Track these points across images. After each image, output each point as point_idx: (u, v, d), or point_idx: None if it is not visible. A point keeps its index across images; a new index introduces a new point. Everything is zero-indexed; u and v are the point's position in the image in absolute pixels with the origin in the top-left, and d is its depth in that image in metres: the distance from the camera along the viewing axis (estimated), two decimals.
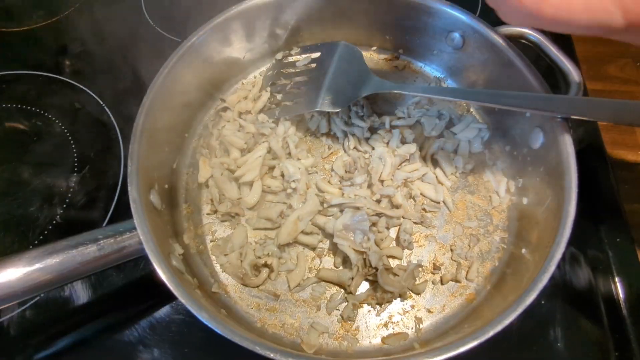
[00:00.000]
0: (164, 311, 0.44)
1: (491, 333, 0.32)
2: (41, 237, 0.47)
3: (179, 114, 0.49)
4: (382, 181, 0.46)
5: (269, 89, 0.52)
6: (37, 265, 0.33)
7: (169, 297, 0.44)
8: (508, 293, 0.38)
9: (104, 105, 0.56)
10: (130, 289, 0.46)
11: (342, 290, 0.43)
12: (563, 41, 0.59)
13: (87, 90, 0.57)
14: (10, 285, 0.31)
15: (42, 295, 0.44)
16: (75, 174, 0.51)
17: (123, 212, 0.49)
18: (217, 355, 0.41)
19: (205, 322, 0.31)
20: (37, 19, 0.64)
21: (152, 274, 0.44)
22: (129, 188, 0.37)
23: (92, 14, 0.65)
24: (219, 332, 0.30)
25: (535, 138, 0.43)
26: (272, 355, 0.30)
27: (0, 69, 0.59)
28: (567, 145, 0.38)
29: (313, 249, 0.45)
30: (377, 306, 0.42)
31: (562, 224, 0.35)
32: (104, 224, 0.48)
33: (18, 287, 0.31)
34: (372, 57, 0.57)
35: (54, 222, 0.48)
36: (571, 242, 0.45)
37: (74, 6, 0.65)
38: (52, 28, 0.64)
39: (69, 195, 0.50)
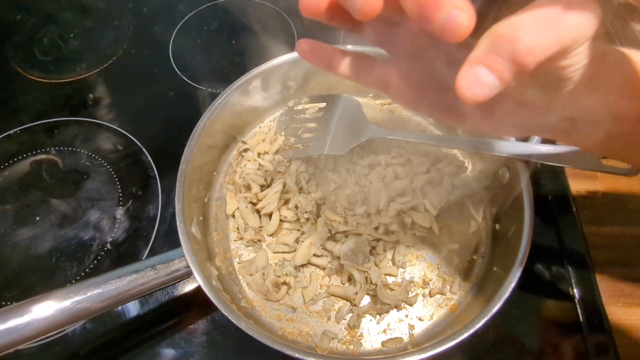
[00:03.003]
0: (198, 324, 0.53)
1: (465, 335, 0.41)
2: (95, 262, 0.57)
3: (208, 156, 0.58)
4: (379, 211, 0.55)
5: (283, 133, 0.61)
6: (110, 287, 0.42)
7: (203, 311, 0.53)
8: (483, 303, 0.47)
9: (141, 146, 0.66)
10: (171, 306, 0.54)
11: (348, 303, 0.51)
12: None
13: (127, 134, 0.67)
14: (99, 299, 0.41)
15: None
16: (120, 207, 0.61)
17: (162, 240, 0.58)
18: (246, 357, 0.50)
19: (245, 330, 0.40)
20: (81, 71, 0.74)
21: (188, 293, 0.54)
22: (178, 224, 0.46)
23: (126, 67, 0.75)
24: (256, 337, 0.39)
25: (503, 175, 0.52)
26: (297, 355, 0.39)
27: (52, 116, 0.68)
28: (525, 184, 0.47)
29: (323, 269, 0.53)
30: (377, 316, 0.50)
31: (521, 248, 0.44)
32: (147, 250, 0.57)
33: (104, 301, 0.41)
34: (369, 102, 0.67)
35: (105, 248, 0.57)
36: (538, 259, 0.55)
37: (111, 59, 0.76)
38: (93, 79, 0.73)
39: (116, 225, 0.59)
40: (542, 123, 0.29)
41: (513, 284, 0.43)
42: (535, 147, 0.48)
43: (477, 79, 0.20)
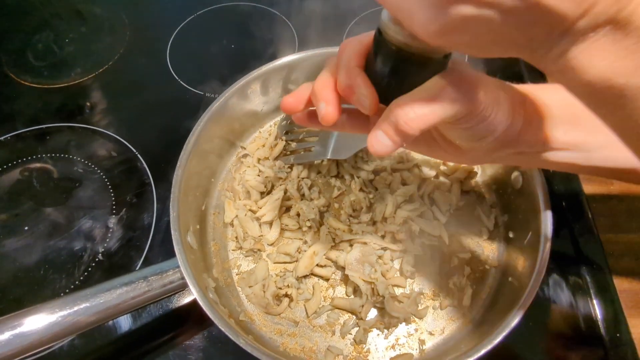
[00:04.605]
0: (194, 339, 0.49)
1: (482, 352, 0.38)
2: (85, 274, 0.54)
3: (206, 162, 0.56)
4: (385, 219, 0.52)
5: (284, 138, 0.59)
6: (99, 300, 0.39)
7: (199, 326, 0.50)
8: (498, 316, 0.44)
9: (137, 153, 0.63)
10: (165, 320, 0.51)
11: (354, 317, 0.48)
12: None
13: (122, 140, 0.64)
14: (87, 314, 0.38)
15: None
16: (113, 216, 0.58)
17: (157, 250, 0.55)
18: None
19: (243, 347, 0.37)
20: (75, 76, 0.72)
21: (184, 306, 0.51)
22: (172, 232, 0.44)
23: (122, 71, 0.73)
24: (255, 355, 0.36)
25: (516, 180, 0.50)
26: None
27: (45, 122, 0.66)
28: (541, 189, 0.45)
29: (327, 280, 0.51)
30: (385, 330, 0.48)
31: (539, 257, 0.42)
32: (141, 261, 0.54)
33: (93, 316, 0.38)
34: None
35: (97, 259, 0.55)
36: (554, 269, 0.52)
37: (107, 64, 0.74)
38: (88, 84, 0.71)
39: (109, 235, 0.56)
40: (496, 157, 0.35)
41: (532, 297, 0.40)
42: None
43: (377, 139, 0.28)
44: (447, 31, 0.21)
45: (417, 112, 0.26)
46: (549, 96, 0.34)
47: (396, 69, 0.28)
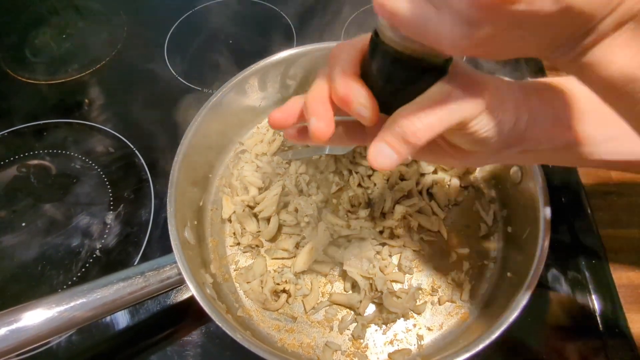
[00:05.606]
0: (192, 335, 0.49)
1: (480, 347, 0.38)
2: (83, 270, 0.53)
3: (204, 158, 0.56)
4: (384, 214, 0.52)
5: (282, 133, 0.59)
6: (96, 296, 0.39)
7: (197, 322, 0.50)
8: (497, 312, 0.44)
9: (134, 149, 0.63)
10: (163, 316, 0.51)
11: (352, 312, 0.48)
12: None
13: (119, 136, 0.64)
14: (84, 309, 0.38)
15: None
16: (111, 212, 0.58)
17: (155, 246, 0.55)
18: None
19: (241, 343, 0.37)
20: (73, 72, 0.72)
21: (182, 302, 0.51)
22: (169, 228, 0.44)
23: (120, 67, 0.73)
24: (252, 350, 0.36)
25: (515, 175, 0.49)
26: None
27: (42, 118, 0.66)
28: (540, 184, 0.45)
29: (325, 275, 0.50)
30: (383, 325, 0.47)
31: (537, 251, 0.41)
32: (139, 257, 0.54)
33: (90, 311, 0.38)
34: None
35: (94, 255, 0.54)
36: (553, 264, 0.52)
37: (104, 60, 0.73)
38: (85, 80, 0.71)
39: (107, 231, 0.56)
40: (501, 157, 0.34)
41: (530, 292, 0.40)
42: None
43: (381, 152, 0.26)
44: (478, 44, 0.21)
45: (424, 121, 0.25)
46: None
47: (397, 75, 0.26)
